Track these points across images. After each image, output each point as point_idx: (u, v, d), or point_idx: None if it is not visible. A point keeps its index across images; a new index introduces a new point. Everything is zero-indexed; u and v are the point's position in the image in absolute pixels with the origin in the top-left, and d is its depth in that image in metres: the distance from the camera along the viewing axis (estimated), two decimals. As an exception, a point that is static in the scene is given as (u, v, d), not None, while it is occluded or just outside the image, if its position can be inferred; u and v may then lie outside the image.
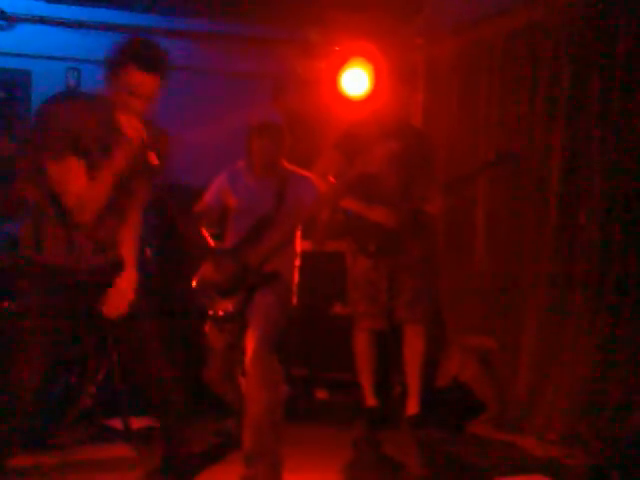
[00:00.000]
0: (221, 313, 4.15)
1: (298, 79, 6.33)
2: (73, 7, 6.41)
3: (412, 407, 4.87)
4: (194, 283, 4.29)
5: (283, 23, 6.41)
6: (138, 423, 4.63)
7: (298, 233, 4.40)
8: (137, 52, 3.25)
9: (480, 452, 4.51)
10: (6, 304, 4.70)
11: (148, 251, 5.20)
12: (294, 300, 4.34)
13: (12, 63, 6.39)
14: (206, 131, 6.16)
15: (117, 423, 4.60)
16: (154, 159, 3.22)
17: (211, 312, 4.19)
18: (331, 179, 4.67)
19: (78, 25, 6.46)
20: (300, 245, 4.45)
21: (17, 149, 6.21)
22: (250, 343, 3.96)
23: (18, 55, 6.39)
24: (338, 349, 5.44)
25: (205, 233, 4.42)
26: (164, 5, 6.42)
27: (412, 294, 4.87)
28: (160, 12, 6.55)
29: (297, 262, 4.39)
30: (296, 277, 4.38)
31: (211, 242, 4.40)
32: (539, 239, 4.89)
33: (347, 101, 5.57)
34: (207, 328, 4.29)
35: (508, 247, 5.14)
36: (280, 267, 4.23)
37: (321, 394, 5.49)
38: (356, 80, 5.49)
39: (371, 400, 4.96)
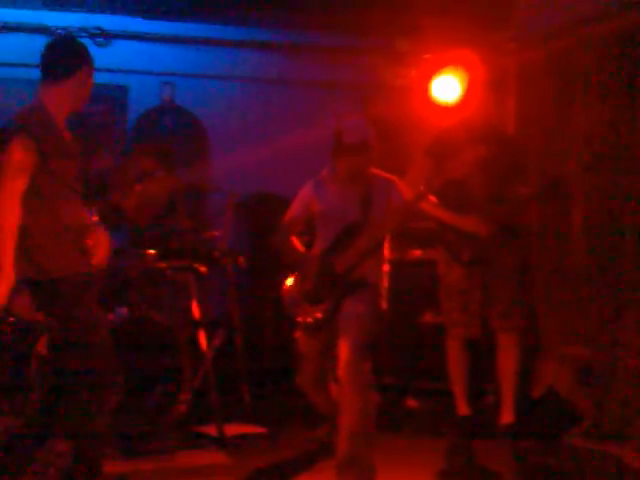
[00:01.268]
0: (310, 320, 4.16)
1: (388, 88, 6.34)
2: (168, 22, 6.58)
3: (506, 416, 4.80)
4: (283, 290, 4.32)
5: (373, 32, 6.44)
6: (232, 430, 4.71)
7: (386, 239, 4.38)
8: None
9: (576, 463, 4.41)
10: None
11: (242, 259, 5.28)
12: (384, 305, 4.31)
13: (110, 78, 6.58)
14: (296, 141, 6.23)
15: (211, 430, 4.68)
16: None
17: (300, 319, 4.21)
18: (422, 187, 4.65)
19: (173, 40, 6.63)
20: (389, 252, 4.42)
21: (114, 162, 6.38)
22: (342, 352, 3.96)
23: (115, 70, 6.59)
24: (429, 358, 5.41)
25: (295, 241, 4.45)
26: (255, 18, 6.51)
27: (506, 303, 4.80)
28: (251, 25, 6.65)
29: (386, 268, 4.36)
30: (385, 282, 4.35)
31: (300, 250, 4.42)
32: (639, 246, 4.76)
33: (438, 108, 5.54)
34: (297, 334, 4.31)
35: (606, 255, 5.02)
36: (368, 274, 4.21)
37: (412, 403, 5.46)
38: (447, 87, 5.45)
39: (464, 409, 4.90)
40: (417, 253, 5.64)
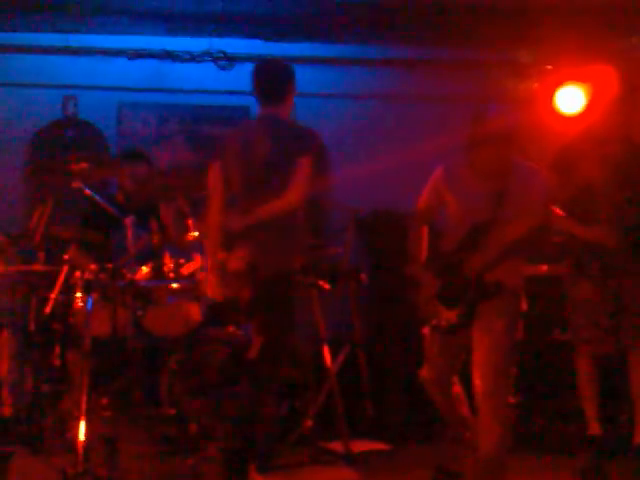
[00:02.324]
0: (444, 324, 3.98)
1: (510, 100, 6.24)
2: (287, 44, 6.68)
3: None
4: (420, 293, 4.18)
5: (494, 45, 6.37)
6: (358, 446, 4.71)
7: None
8: None
9: None
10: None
11: (364, 276, 5.28)
12: (524, 306, 4.03)
13: (232, 100, 6.75)
14: (416, 157, 6.21)
15: (337, 446, 4.68)
16: None
17: (434, 322, 4.02)
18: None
19: (292, 60, 6.70)
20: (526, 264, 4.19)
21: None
22: (478, 380, 3.84)
23: (237, 92, 6.74)
24: (557, 375, 5.28)
25: (425, 233, 4.23)
26: (376, 36, 6.55)
27: (638, 317, 4.65)
28: (371, 42, 6.69)
29: (524, 268, 4.09)
30: (522, 283, 4.05)
31: (425, 244, 4.29)
32: None
33: (562, 120, 5.44)
34: (425, 331, 4.13)
35: None
36: (505, 276, 3.90)
37: (541, 421, 5.33)
38: (572, 98, 5.35)
39: (595, 428, 4.76)
40: (543, 269, 5.52)
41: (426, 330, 4.13)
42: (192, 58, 6.60)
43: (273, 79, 4.35)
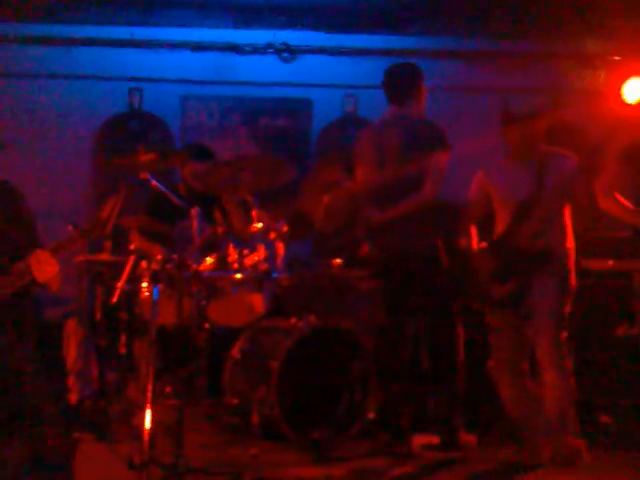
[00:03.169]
0: (501, 299, 4.20)
1: (577, 91, 6.16)
2: (350, 35, 6.67)
3: None
4: (475, 276, 4.33)
5: (560, 36, 6.28)
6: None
7: (567, 212, 4.27)
8: None
9: None
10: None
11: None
12: (573, 280, 4.23)
13: (295, 92, 6.77)
14: (481, 149, 6.14)
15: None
16: None
17: (489, 298, 4.26)
18: (617, 195, 4.50)
19: (355, 52, 6.72)
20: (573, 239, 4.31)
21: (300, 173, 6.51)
22: (541, 344, 4.13)
23: (300, 84, 6.75)
24: (624, 372, 5.19)
25: (473, 230, 4.48)
26: (439, 27, 6.50)
27: None
28: (435, 34, 6.65)
29: (571, 244, 4.27)
30: (572, 260, 4.26)
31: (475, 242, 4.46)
32: None
33: (631, 111, 5.33)
34: (488, 318, 4.33)
35: None
36: (554, 245, 4.18)
37: (606, 419, 5.24)
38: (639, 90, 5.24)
39: (664, 426, 4.69)
40: (610, 263, 5.42)
41: (488, 317, 4.32)
42: (255, 50, 6.64)
43: (399, 79, 4.68)
